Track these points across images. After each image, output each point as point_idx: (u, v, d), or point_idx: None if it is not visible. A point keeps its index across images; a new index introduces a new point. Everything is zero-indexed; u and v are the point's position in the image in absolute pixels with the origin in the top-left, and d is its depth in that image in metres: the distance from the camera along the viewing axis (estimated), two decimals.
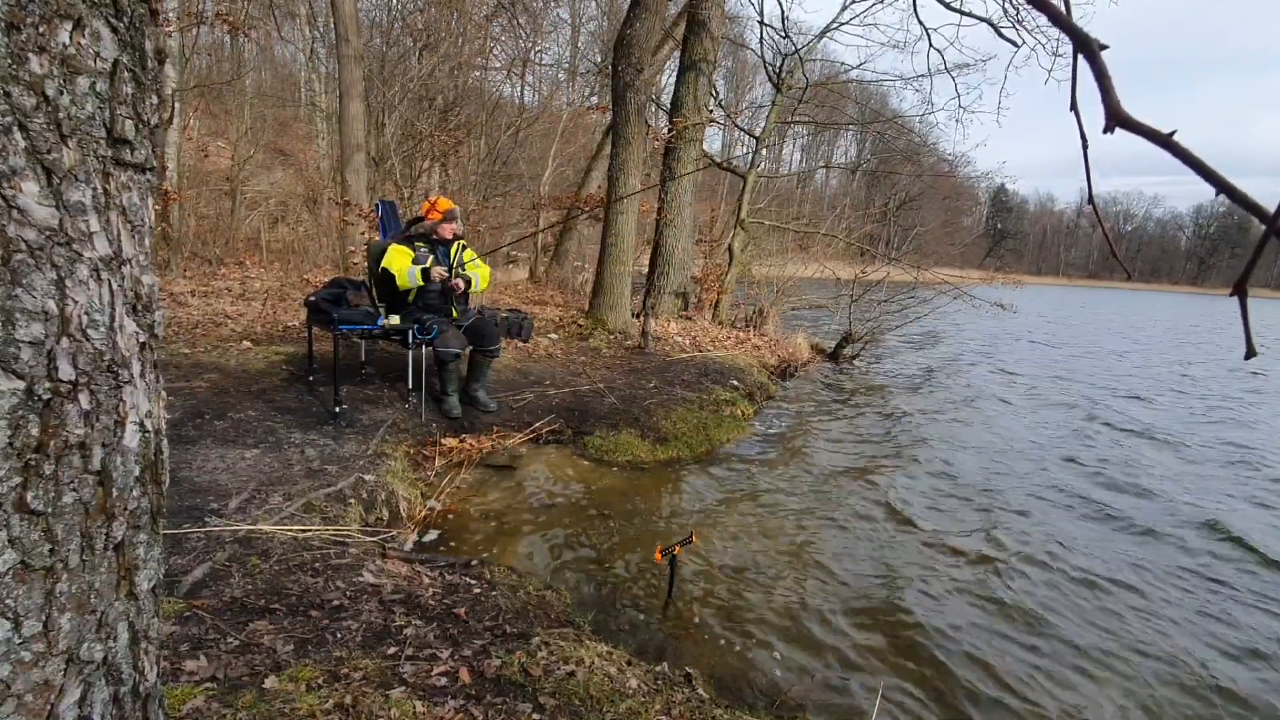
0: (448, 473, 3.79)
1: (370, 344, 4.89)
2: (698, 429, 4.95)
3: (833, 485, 4.33)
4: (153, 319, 0.89)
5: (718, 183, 17.72)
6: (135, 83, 0.82)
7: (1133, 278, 78.39)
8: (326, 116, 13.65)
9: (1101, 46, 0.63)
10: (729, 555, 3.24)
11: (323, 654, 1.86)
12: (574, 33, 20.49)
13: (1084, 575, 3.37)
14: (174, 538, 2.38)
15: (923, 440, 5.62)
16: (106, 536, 0.82)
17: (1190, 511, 4.41)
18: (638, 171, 7.18)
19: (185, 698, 1.58)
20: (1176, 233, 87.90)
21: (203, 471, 3.00)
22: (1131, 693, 2.51)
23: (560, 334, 6.97)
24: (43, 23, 0.70)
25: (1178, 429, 6.87)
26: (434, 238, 4.39)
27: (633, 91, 6.79)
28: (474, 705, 1.70)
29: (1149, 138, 0.60)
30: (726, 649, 2.50)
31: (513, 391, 5.04)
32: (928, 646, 2.65)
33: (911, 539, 3.63)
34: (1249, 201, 0.55)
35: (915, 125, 15.12)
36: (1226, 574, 3.56)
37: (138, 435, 0.86)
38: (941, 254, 20.55)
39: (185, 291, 6.62)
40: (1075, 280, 76.87)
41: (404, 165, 10.08)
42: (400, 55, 10.62)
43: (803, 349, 8.86)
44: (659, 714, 1.82)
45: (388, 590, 2.31)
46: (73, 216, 0.75)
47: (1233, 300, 0.58)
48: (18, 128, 0.69)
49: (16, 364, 0.70)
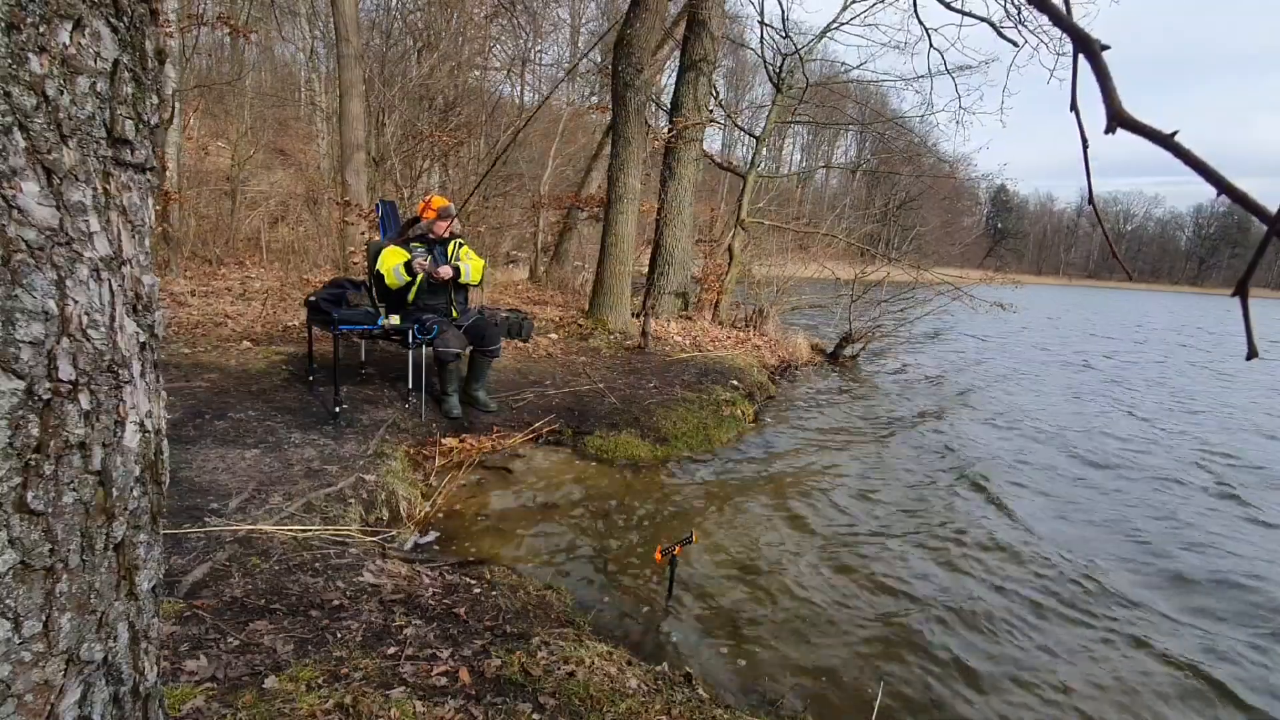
0: (448, 473, 3.79)
1: (370, 344, 4.89)
2: (698, 429, 4.95)
3: (833, 485, 4.33)
4: (153, 319, 0.89)
5: (718, 183, 17.71)
6: (135, 83, 0.82)
7: (1133, 278, 78.47)
8: (326, 116, 13.65)
9: (1103, 46, 0.63)
10: (729, 555, 3.24)
11: (323, 654, 1.86)
12: (574, 33, 20.50)
13: (1085, 573, 3.37)
14: (174, 538, 2.38)
15: (923, 439, 5.61)
16: (106, 536, 0.82)
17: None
18: (638, 171, 7.18)
19: (185, 698, 1.58)
20: (1176, 233, 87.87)
21: (203, 471, 3.00)
22: (1132, 692, 2.51)
23: (560, 334, 6.96)
24: (43, 23, 0.70)
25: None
26: (430, 237, 4.40)
27: (633, 91, 6.79)
28: (474, 705, 1.70)
29: (1150, 138, 0.60)
30: (726, 649, 2.50)
31: (513, 391, 5.04)
32: (928, 646, 2.64)
33: (911, 538, 3.63)
34: (1250, 202, 0.55)
35: (915, 126, 15.13)
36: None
37: (138, 435, 0.86)
38: (942, 254, 20.55)
39: (185, 291, 6.62)
40: (1075, 280, 76.82)
41: (404, 165, 10.07)
42: (400, 55, 10.63)
43: (803, 349, 8.86)
44: (659, 714, 1.82)
45: (388, 590, 2.31)
46: (73, 216, 0.75)
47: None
48: (18, 128, 0.69)
49: (16, 364, 0.70)
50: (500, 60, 13.83)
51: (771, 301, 9.60)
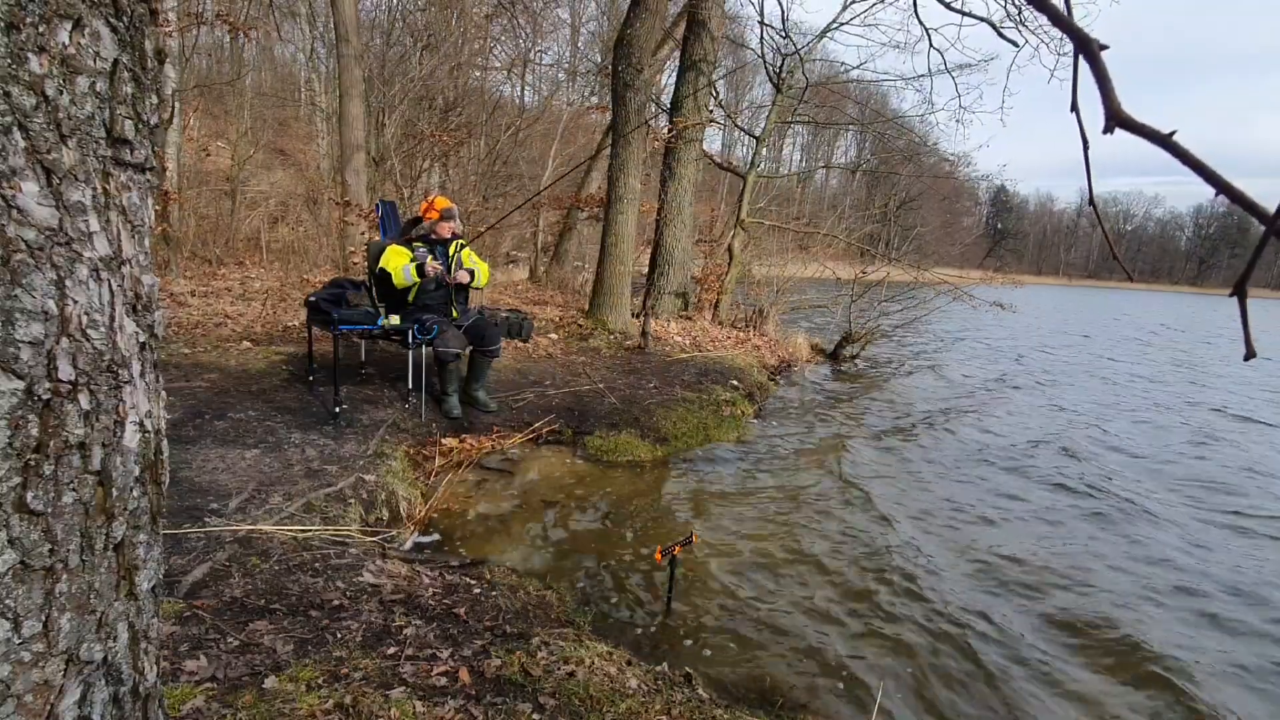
0: (448, 473, 3.79)
1: (370, 344, 4.89)
2: (698, 429, 4.95)
3: (833, 485, 4.33)
4: (153, 319, 0.89)
5: (718, 183, 17.71)
6: (135, 83, 0.82)
7: (1133, 278, 78.41)
8: (326, 116, 13.65)
9: (1102, 47, 0.63)
10: (729, 555, 3.24)
11: (323, 654, 1.86)
12: (574, 33, 20.49)
13: (1086, 571, 3.37)
14: (174, 538, 2.38)
15: (923, 439, 5.61)
16: (106, 536, 0.82)
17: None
18: (638, 171, 7.18)
19: (185, 698, 1.58)
20: (1176, 233, 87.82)
21: (203, 471, 3.00)
22: (1135, 691, 2.51)
23: (560, 334, 6.96)
24: (43, 22, 0.70)
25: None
26: (432, 237, 4.40)
27: (633, 91, 6.79)
28: (474, 705, 1.70)
29: (1149, 138, 0.60)
30: (726, 649, 2.50)
31: (513, 391, 5.04)
32: (928, 646, 2.64)
33: (911, 538, 3.63)
34: (1249, 202, 0.55)
35: (916, 125, 15.10)
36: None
37: (138, 435, 0.86)
38: (942, 254, 20.52)
39: (185, 291, 6.62)
40: (1075, 280, 76.78)
41: (404, 165, 10.08)
42: (400, 55, 10.63)
43: (803, 349, 8.86)
44: (659, 714, 1.82)
45: (388, 590, 2.31)
46: (73, 216, 0.75)
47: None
48: (18, 128, 0.69)
49: (16, 364, 0.70)
50: (500, 60, 13.84)
51: (771, 301, 9.61)
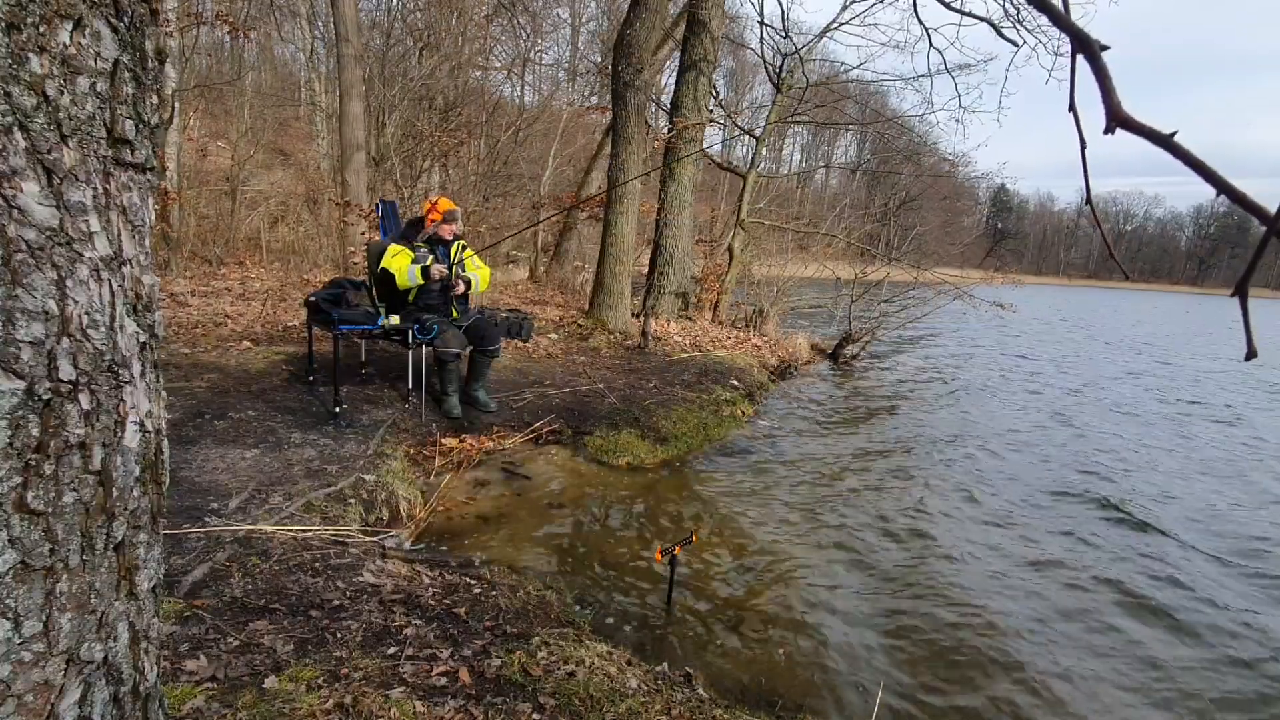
0: (448, 473, 3.79)
1: (370, 344, 4.89)
2: (698, 429, 4.95)
3: (832, 485, 4.33)
4: (153, 319, 0.89)
5: (718, 183, 17.69)
6: (135, 83, 0.82)
7: (1132, 278, 78.36)
8: (326, 116, 13.65)
9: (1102, 47, 0.63)
10: (729, 555, 3.24)
11: (323, 654, 1.86)
12: (574, 33, 20.50)
13: (1092, 575, 3.37)
14: (174, 538, 2.38)
15: (922, 439, 5.61)
16: (106, 536, 0.82)
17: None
18: (638, 171, 7.18)
19: (185, 698, 1.58)
20: (1176, 233, 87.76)
21: (203, 471, 3.00)
22: (1133, 692, 2.51)
23: (560, 334, 6.96)
24: (43, 23, 0.70)
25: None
26: (434, 238, 4.40)
27: (633, 91, 6.79)
28: (474, 705, 1.70)
29: (1150, 138, 0.60)
30: (726, 649, 2.50)
31: (513, 391, 5.04)
32: (927, 645, 2.65)
33: (910, 538, 3.63)
34: (1249, 202, 0.55)
35: (915, 125, 15.11)
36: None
37: (138, 435, 0.86)
38: (942, 254, 20.51)
39: (185, 291, 6.62)
40: (1075, 280, 76.75)
41: (404, 165, 10.08)
42: (400, 55, 10.62)
43: (803, 349, 8.86)
44: (659, 714, 1.82)
45: (388, 590, 2.31)
46: (73, 216, 0.75)
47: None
48: (18, 128, 0.69)
49: (17, 364, 0.70)
50: (500, 60, 13.84)
51: (771, 301, 9.61)
